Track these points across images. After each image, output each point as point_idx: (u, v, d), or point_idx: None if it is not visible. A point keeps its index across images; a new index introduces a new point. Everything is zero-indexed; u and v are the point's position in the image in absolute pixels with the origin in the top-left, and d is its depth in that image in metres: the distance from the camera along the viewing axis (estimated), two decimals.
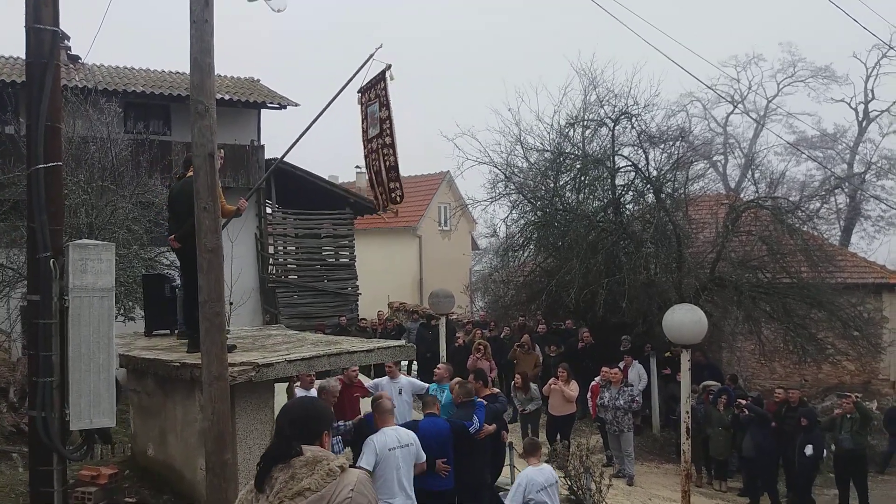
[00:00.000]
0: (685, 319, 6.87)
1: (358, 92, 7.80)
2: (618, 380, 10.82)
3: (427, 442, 6.39)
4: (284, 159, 17.85)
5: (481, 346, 13.11)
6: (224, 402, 5.43)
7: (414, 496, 5.78)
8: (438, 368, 8.71)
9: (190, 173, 6.03)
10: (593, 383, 11.41)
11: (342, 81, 7.92)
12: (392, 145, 7.43)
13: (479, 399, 7.44)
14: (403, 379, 8.47)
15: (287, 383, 7.38)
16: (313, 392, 7.35)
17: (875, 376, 18.49)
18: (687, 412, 7.16)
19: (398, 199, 7.54)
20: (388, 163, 7.48)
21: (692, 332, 6.86)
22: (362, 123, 7.95)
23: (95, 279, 5.42)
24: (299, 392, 7.27)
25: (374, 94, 7.52)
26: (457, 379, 8.85)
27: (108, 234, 11.39)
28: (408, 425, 6.58)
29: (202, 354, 5.51)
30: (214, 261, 5.62)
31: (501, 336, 15.11)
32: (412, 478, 5.81)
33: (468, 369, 12.17)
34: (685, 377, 7.16)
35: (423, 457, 5.98)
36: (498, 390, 10.39)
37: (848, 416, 11.20)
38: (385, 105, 7.40)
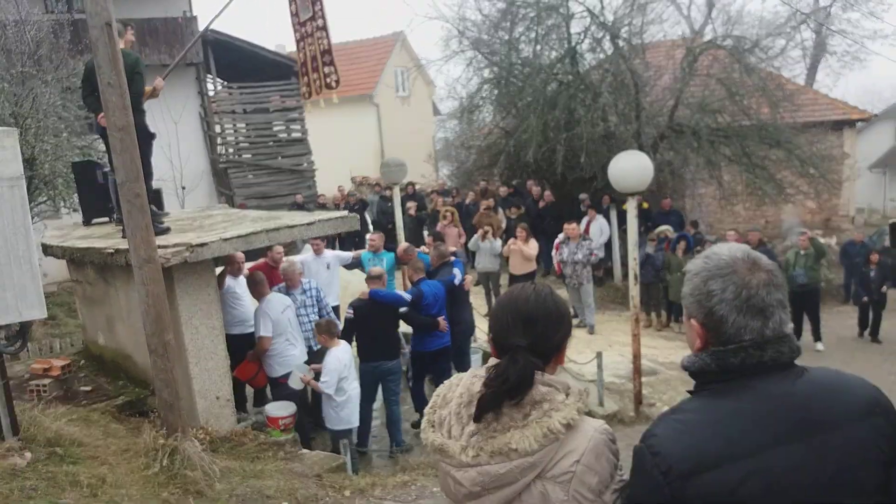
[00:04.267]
0: (629, 166, 6.70)
1: None
2: (576, 235, 10.88)
3: (430, 302, 6.95)
4: (223, 31, 16.95)
5: (448, 213, 13.01)
6: (158, 283, 5.27)
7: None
8: (372, 239, 8.67)
9: None
10: (557, 240, 11.47)
11: None
12: (325, 27, 6.95)
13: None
14: (328, 253, 8.41)
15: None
16: (242, 281, 7.18)
17: (835, 213, 18.87)
18: (635, 258, 7.18)
19: (334, 84, 7.11)
20: (321, 46, 7.02)
21: (638, 179, 6.72)
22: (290, 6, 7.40)
23: (1, 168, 5.06)
24: (229, 281, 7.04)
25: None
26: (406, 248, 8.87)
27: (35, 123, 10.77)
28: (412, 291, 6.95)
29: (128, 238, 5.29)
30: (127, 139, 5.25)
31: (466, 202, 15.00)
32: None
33: (435, 234, 12.21)
34: (632, 224, 7.12)
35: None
36: (454, 248, 10.48)
37: (802, 251, 11.44)
38: None
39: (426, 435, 1.76)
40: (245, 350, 6.79)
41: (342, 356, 6.15)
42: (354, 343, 6.92)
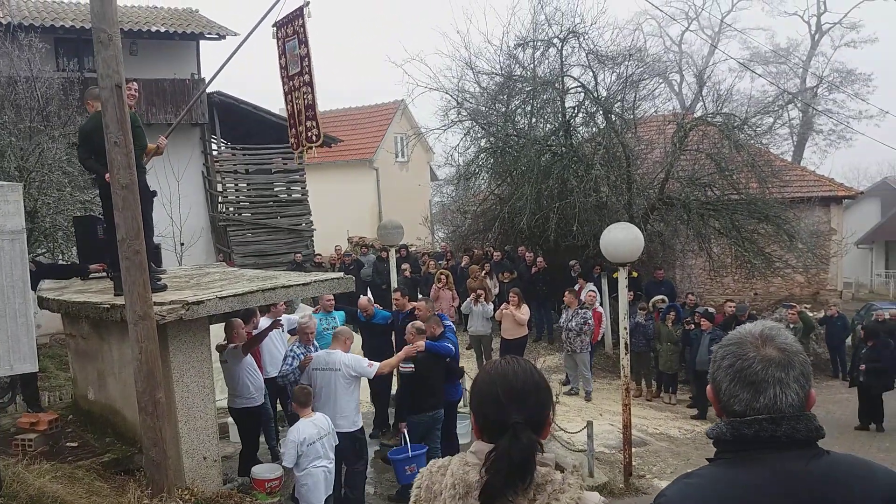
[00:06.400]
0: (621, 237, 6.89)
1: (273, 26, 7.53)
2: (573, 303, 11.03)
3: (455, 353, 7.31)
4: (229, 93, 17.42)
5: (443, 276, 13.12)
6: (151, 341, 5.33)
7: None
8: (328, 300, 8.61)
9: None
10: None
11: (278, 10, 7.70)
12: (311, 83, 7.26)
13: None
14: (284, 318, 8.38)
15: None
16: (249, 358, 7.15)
17: (823, 287, 19.05)
18: (625, 328, 7.28)
19: (314, 138, 7.37)
20: (306, 101, 7.31)
21: (628, 250, 6.90)
22: (280, 59, 7.75)
23: (3, 221, 5.17)
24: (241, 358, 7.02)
25: (293, 31, 7.31)
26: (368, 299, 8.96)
27: (40, 177, 10.97)
28: (439, 346, 6.94)
29: (125, 294, 5.37)
30: (130, 197, 5.41)
31: (461, 265, 15.13)
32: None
33: (431, 298, 12.28)
34: (623, 294, 7.25)
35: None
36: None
37: (792, 325, 11.55)
38: (304, 42, 7.22)
39: None
40: (259, 423, 7.05)
41: (304, 429, 5.56)
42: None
